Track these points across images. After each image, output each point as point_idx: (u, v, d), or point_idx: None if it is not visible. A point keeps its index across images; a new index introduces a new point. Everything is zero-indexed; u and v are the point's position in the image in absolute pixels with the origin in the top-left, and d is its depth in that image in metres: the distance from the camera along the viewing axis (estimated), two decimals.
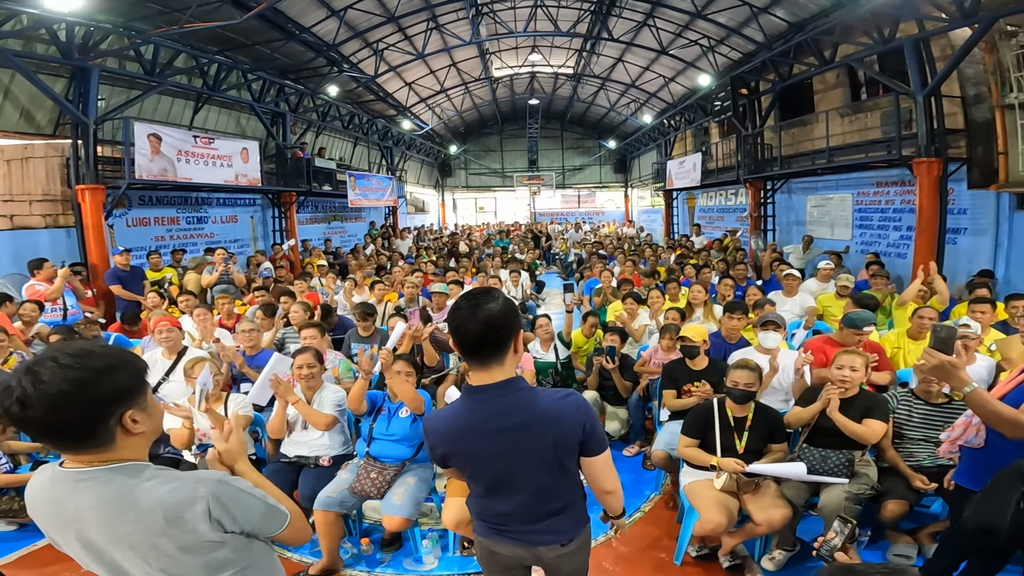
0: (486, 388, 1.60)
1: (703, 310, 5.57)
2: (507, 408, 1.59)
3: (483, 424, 1.62)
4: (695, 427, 3.15)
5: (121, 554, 1.18)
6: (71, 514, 1.17)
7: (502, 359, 1.59)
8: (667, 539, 3.40)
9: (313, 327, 4.37)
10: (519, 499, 1.69)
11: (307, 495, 3.26)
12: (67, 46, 6.94)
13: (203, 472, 1.26)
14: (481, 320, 1.53)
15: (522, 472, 1.64)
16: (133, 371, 1.20)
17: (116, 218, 8.35)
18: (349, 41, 12.46)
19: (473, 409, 1.63)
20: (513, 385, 1.60)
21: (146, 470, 1.20)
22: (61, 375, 1.08)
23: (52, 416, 1.09)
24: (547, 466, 1.64)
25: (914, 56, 7.26)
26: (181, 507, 1.15)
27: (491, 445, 1.62)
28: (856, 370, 3.04)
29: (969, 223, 7.58)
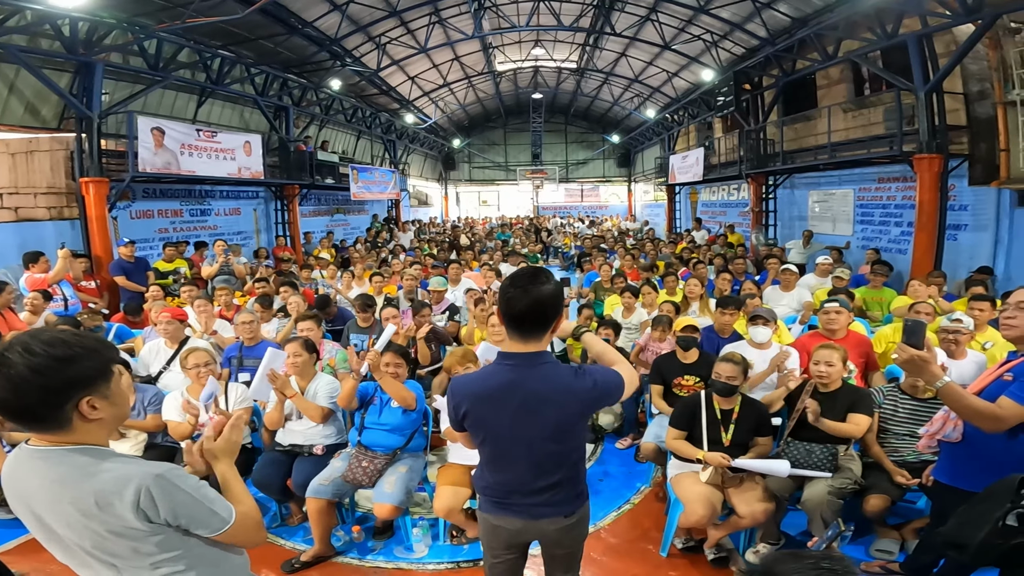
0: (517, 355, 1.73)
1: (699, 304, 5.59)
2: (532, 376, 1.71)
3: (507, 387, 1.73)
4: (683, 419, 3.18)
5: (61, 530, 1.25)
6: (23, 488, 1.26)
7: (541, 335, 1.72)
8: (655, 531, 3.44)
9: (310, 319, 4.42)
10: (523, 468, 1.78)
11: (300, 483, 3.31)
12: (71, 41, 7.00)
13: (151, 463, 1.29)
14: (533, 297, 1.66)
15: (531, 439, 1.74)
16: (98, 360, 1.24)
17: (120, 210, 8.43)
18: (352, 35, 12.47)
19: (501, 373, 1.75)
20: (542, 357, 1.73)
21: (98, 454, 1.25)
22: (23, 361, 1.15)
23: (11, 398, 1.16)
24: (555, 437, 1.74)
25: (917, 52, 7.23)
26: (111, 493, 1.20)
27: (509, 408, 1.73)
28: (832, 365, 3.07)
29: (970, 219, 7.55)
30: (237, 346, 4.48)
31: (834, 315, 3.89)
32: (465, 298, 6.21)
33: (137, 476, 1.22)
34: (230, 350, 4.52)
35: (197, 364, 3.51)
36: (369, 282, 6.92)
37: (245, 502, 1.45)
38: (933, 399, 3.10)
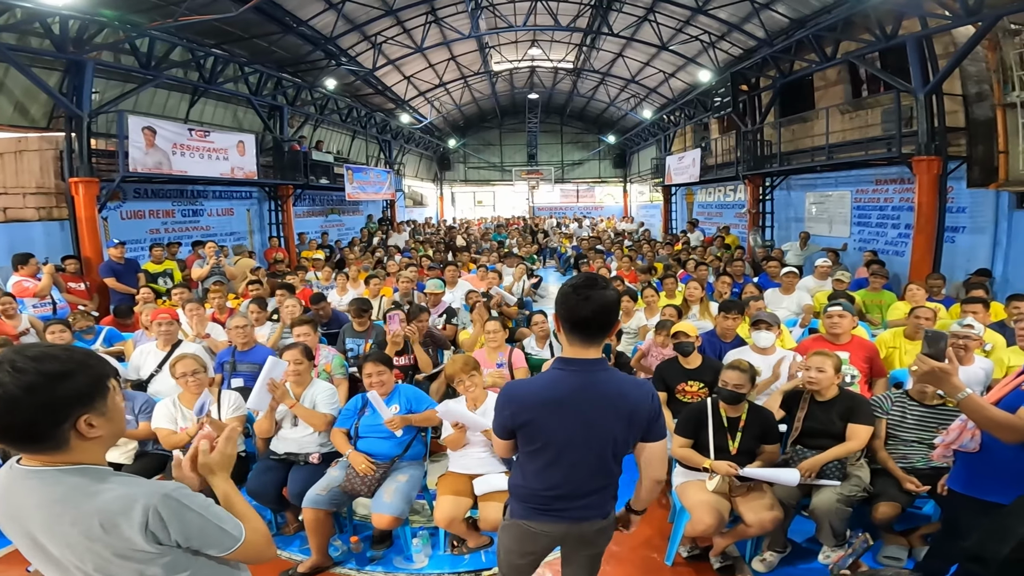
0: (584, 361, 1.76)
1: (699, 307, 5.53)
2: (596, 382, 1.74)
3: (573, 394, 1.75)
4: (688, 427, 3.12)
5: (59, 551, 1.20)
6: (18, 509, 1.20)
7: (601, 340, 1.76)
8: (659, 538, 3.38)
9: (306, 323, 4.33)
10: (580, 473, 1.80)
11: (296, 492, 3.24)
12: (61, 40, 6.88)
13: (155, 483, 1.25)
14: (598, 303, 1.69)
15: (589, 445, 1.76)
16: (93, 376, 1.19)
17: (111, 211, 8.31)
18: (347, 34, 12.35)
19: (568, 378, 1.76)
20: (603, 363, 1.77)
21: (96, 474, 1.21)
22: (13, 380, 1.09)
23: (4, 419, 1.11)
24: (612, 443, 1.77)
25: (916, 53, 7.22)
26: (117, 515, 1.16)
27: (577, 414, 1.74)
28: (823, 371, 3.02)
29: (968, 221, 7.55)
30: (230, 351, 4.38)
31: (837, 319, 3.84)
32: (466, 300, 6.14)
33: (143, 496, 1.19)
34: (223, 355, 4.42)
35: (185, 372, 3.42)
36: (365, 284, 6.84)
37: (251, 518, 1.42)
38: (941, 406, 3.07)
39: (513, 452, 1.91)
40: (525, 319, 6.97)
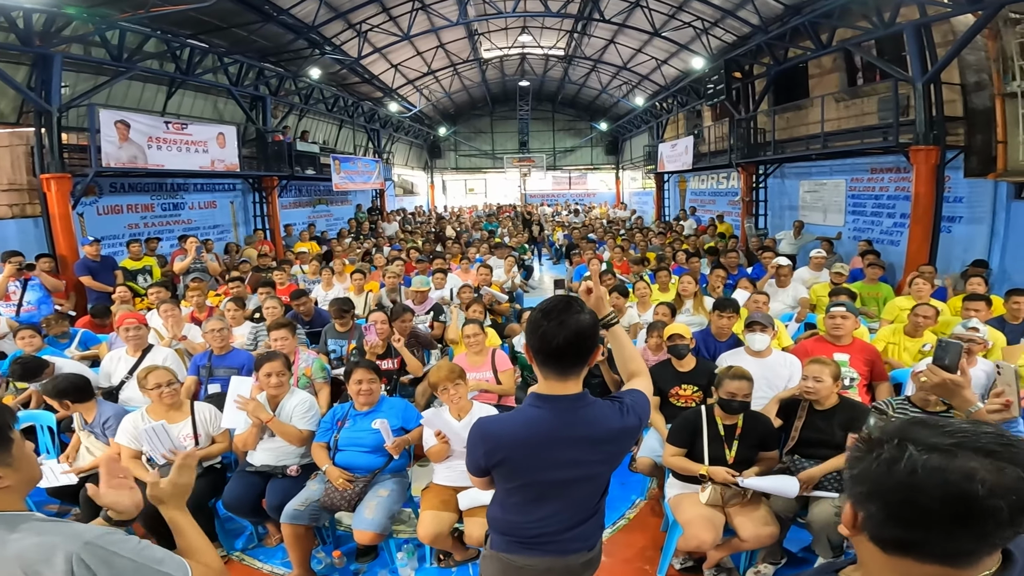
0: (562, 398, 1.60)
1: (693, 302, 5.39)
2: (577, 421, 1.60)
3: (556, 432, 1.60)
4: (682, 436, 2.99)
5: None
6: None
7: (580, 371, 1.60)
8: (652, 548, 3.28)
9: (283, 327, 4.15)
10: (562, 509, 1.68)
11: (275, 506, 3.12)
12: (26, 33, 6.61)
13: (76, 529, 1.20)
14: (572, 329, 1.53)
15: (574, 482, 1.65)
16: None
17: (86, 206, 8.05)
18: (331, 22, 12.00)
19: (549, 419, 1.61)
20: (586, 398, 1.62)
21: (10, 521, 1.17)
22: None
23: None
24: (597, 477, 1.68)
25: (915, 42, 7.06)
26: (38, 563, 1.13)
27: (557, 455, 1.61)
28: (821, 380, 2.89)
29: (965, 211, 7.44)
30: (207, 354, 4.21)
31: (840, 320, 3.72)
32: (458, 296, 5.97)
33: (64, 544, 1.14)
34: (199, 358, 4.25)
35: (159, 384, 3.24)
36: (350, 279, 6.66)
37: (203, 551, 1.34)
38: (943, 413, 2.95)
39: (491, 487, 1.77)
40: (515, 314, 6.84)
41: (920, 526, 0.75)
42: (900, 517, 0.76)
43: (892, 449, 0.78)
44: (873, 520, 0.79)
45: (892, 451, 0.78)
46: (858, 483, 0.81)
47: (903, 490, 0.75)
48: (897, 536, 0.78)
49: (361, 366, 3.28)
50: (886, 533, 0.79)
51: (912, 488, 0.74)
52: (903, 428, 0.81)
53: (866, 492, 0.79)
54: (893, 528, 0.78)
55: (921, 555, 0.77)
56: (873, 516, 0.79)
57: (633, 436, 1.69)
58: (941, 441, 0.76)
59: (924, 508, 0.73)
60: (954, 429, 0.78)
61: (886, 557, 0.80)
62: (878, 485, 0.78)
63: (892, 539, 0.79)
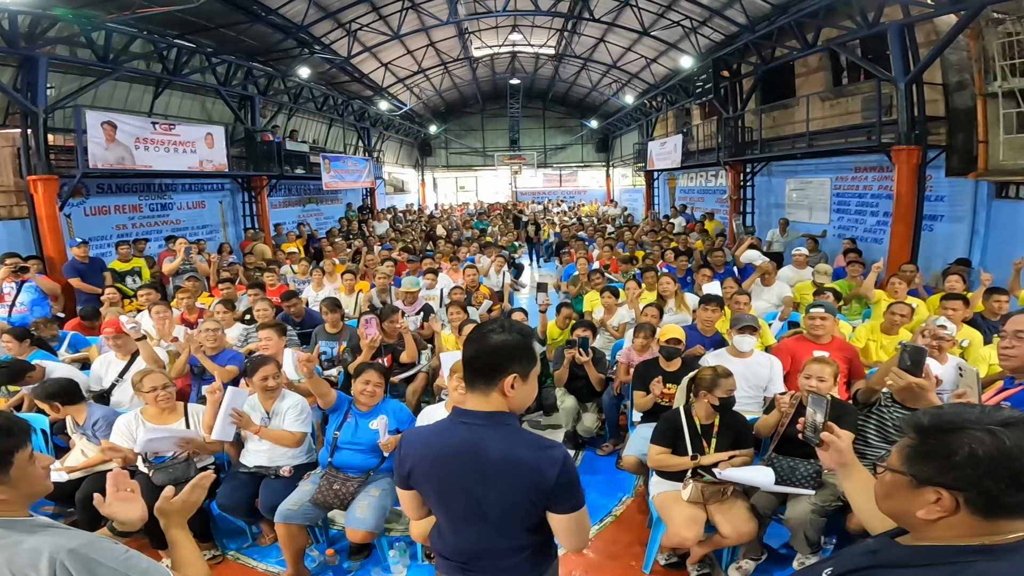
0: (472, 414, 1.56)
1: (674, 300, 5.47)
2: (485, 439, 1.53)
3: (459, 451, 1.56)
4: (666, 436, 3.07)
5: None
6: None
7: (488, 390, 1.54)
8: (637, 545, 3.35)
9: (271, 328, 4.19)
10: (482, 534, 1.60)
11: (268, 506, 3.16)
12: (11, 35, 6.57)
13: (64, 536, 1.24)
14: (483, 344, 1.54)
15: (488, 508, 1.56)
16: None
17: (73, 207, 8.00)
18: (320, 22, 11.97)
19: (457, 431, 1.58)
20: (498, 419, 1.54)
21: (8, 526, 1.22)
22: None
23: None
24: (514, 508, 1.55)
25: (898, 42, 7.16)
26: (25, 567, 1.17)
27: (460, 473, 1.56)
28: (824, 380, 2.97)
29: (946, 210, 7.58)
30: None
31: (819, 321, 3.81)
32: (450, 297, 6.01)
33: (48, 550, 1.18)
34: (192, 359, 4.27)
35: (155, 387, 3.28)
36: (341, 279, 6.68)
37: (194, 566, 1.38)
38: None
39: (416, 508, 1.71)
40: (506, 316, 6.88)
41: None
42: (1020, 484, 0.90)
43: (983, 433, 0.93)
44: (988, 495, 0.92)
45: (983, 435, 0.93)
46: (967, 468, 0.93)
47: (1020, 460, 0.90)
48: (1016, 503, 0.92)
49: (373, 368, 3.32)
50: (1006, 500, 0.92)
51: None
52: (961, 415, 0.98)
53: (985, 473, 0.91)
54: (1015, 495, 0.91)
55: (1019, 513, 0.94)
56: (989, 490, 0.92)
57: (540, 484, 1.47)
58: (1002, 420, 0.94)
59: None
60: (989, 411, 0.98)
61: (987, 523, 0.94)
62: (995, 463, 0.91)
63: (1009, 505, 0.93)
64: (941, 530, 0.98)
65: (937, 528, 0.98)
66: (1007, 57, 6.21)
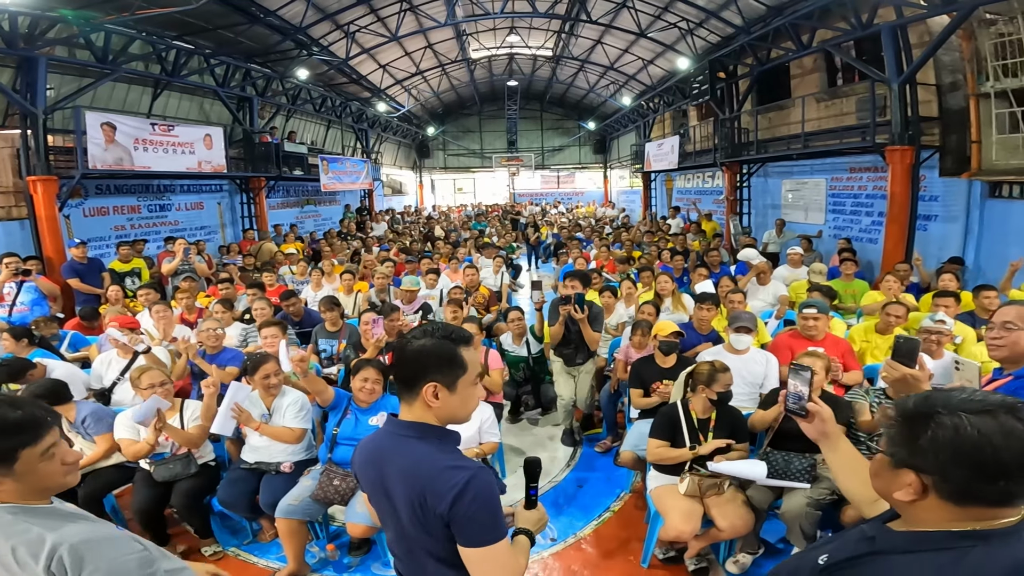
0: (394, 422, 1.49)
1: (672, 300, 5.51)
2: (398, 447, 1.45)
3: (375, 453, 1.50)
4: (664, 430, 3.11)
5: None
6: None
7: (411, 399, 1.44)
8: (635, 540, 3.39)
9: (273, 326, 4.22)
10: (412, 553, 1.47)
11: (269, 502, 3.20)
12: (11, 36, 6.61)
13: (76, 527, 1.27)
14: (403, 349, 1.45)
15: (405, 524, 1.43)
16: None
17: (72, 208, 8.02)
18: (318, 23, 12.00)
19: (379, 437, 1.53)
20: (416, 430, 1.43)
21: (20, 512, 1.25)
22: None
23: None
24: (422, 530, 1.40)
25: (891, 42, 7.22)
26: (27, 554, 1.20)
27: (373, 482, 1.50)
28: (816, 373, 3.01)
29: (940, 210, 7.64)
30: (199, 354, 4.26)
31: (812, 322, 3.86)
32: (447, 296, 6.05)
33: (51, 541, 1.21)
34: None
35: (152, 384, 3.30)
36: (339, 279, 6.70)
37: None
38: None
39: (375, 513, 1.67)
40: (502, 315, 6.92)
41: (1002, 477, 0.90)
42: (985, 473, 0.90)
43: (949, 418, 0.93)
44: (953, 482, 0.93)
45: (951, 420, 0.93)
46: (930, 453, 0.94)
47: (983, 450, 0.90)
48: (986, 492, 0.92)
49: (372, 365, 3.35)
50: (974, 489, 0.92)
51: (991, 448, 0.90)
52: (934, 400, 0.98)
53: (947, 459, 0.92)
54: (979, 483, 0.91)
55: (989, 501, 0.93)
56: (953, 477, 0.93)
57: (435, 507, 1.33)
58: (977, 406, 0.93)
59: (1005, 462, 0.89)
60: (973, 395, 0.97)
61: (959, 509, 0.95)
62: (957, 451, 0.92)
63: (978, 494, 0.93)
64: (923, 513, 0.99)
65: (918, 511, 1.00)
66: (999, 57, 6.27)
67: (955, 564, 0.92)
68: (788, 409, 1.58)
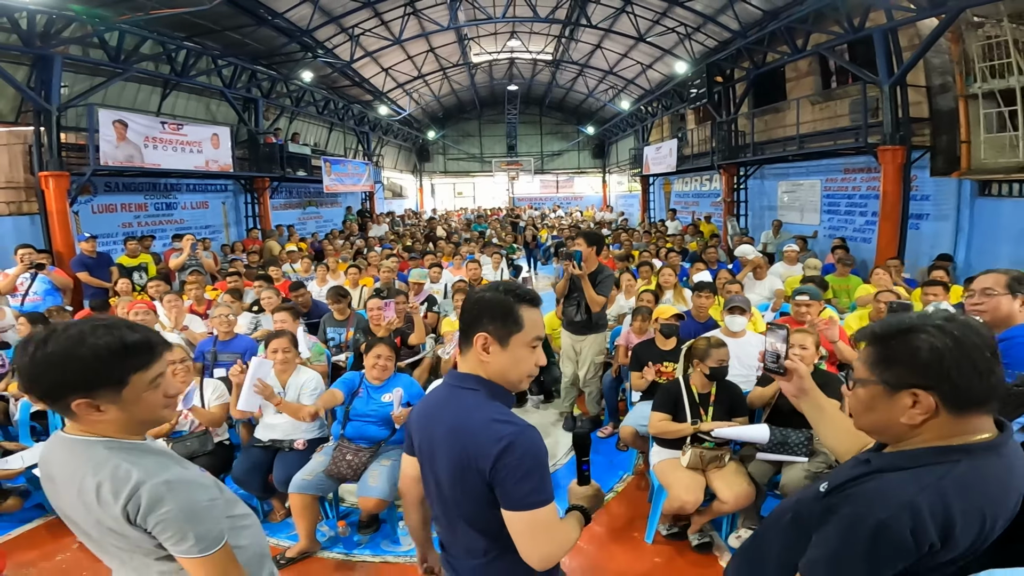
0: (451, 372, 1.47)
1: (673, 293, 5.67)
2: (449, 402, 1.42)
3: (432, 407, 1.47)
4: (667, 404, 3.24)
5: (76, 516, 1.24)
6: (48, 474, 1.28)
7: (467, 348, 1.41)
8: (639, 518, 3.48)
9: (285, 310, 4.34)
10: (448, 518, 1.44)
11: (282, 479, 3.28)
12: (28, 34, 6.77)
13: (162, 467, 1.22)
14: (469, 297, 1.45)
15: (442, 486, 1.39)
16: (92, 369, 1.17)
17: (81, 205, 8.15)
18: (324, 26, 12.20)
19: (438, 391, 1.50)
20: (467, 381, 1.40)
21: (113, 448, 1.21)
22: (41, 349, 1.16)
23: (27, 387, 1.19)
24: (461, 491, 1.34)
25: (882, 45, 7.40)
26: (108, 491, 1.16)
27: (424, 439, 1.46)
28: (806, 348, 3.15)
29: (931, 209, 7.82)
30: (211, 340, 4.38)
31: (804, 309, 3.98)
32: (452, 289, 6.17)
33: (137, 477, 1.17)
34: (204, 344, 4.41)
35: (173, 361, 3.41)
36: (344, 275, 6.82)
37: None
38: None
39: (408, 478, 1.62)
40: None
41: (988, 371, 1.00)
42: (979, 370, 0.99)
43: (936, 331, 1.01)
44: (957, 387, 0.99)
45: (937, 332, 1.01)
46: (934, 365, 1.00)
47: (975, 349, 0.99)
48: (981, 391, 1.00)
49: (383, 343, 3.46)
50: (974, 389, 1.00)
51: (975, 346, 0.99)
52: (907, 320, 1.07)
53: (952, 365, 0.99)
54: (977, 382, 0.99)
55: (987, 407, 1.02)
56: (957, 383, 0.99)
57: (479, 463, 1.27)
58: (943, 316, 1.04)
59: (987, 357, 1.00)
60: (932, 312, 1.10)
61: (956, 421, 1.02)
62: (956, 356, 0.99)
63: (977, 395, 1.01)
64: (925, 434, 1.04)
65: (922, 432, 1.04)
66: (987, 59, 6.45)
67: (944, 476, 0.98)
68: (767, 368, 1.56)
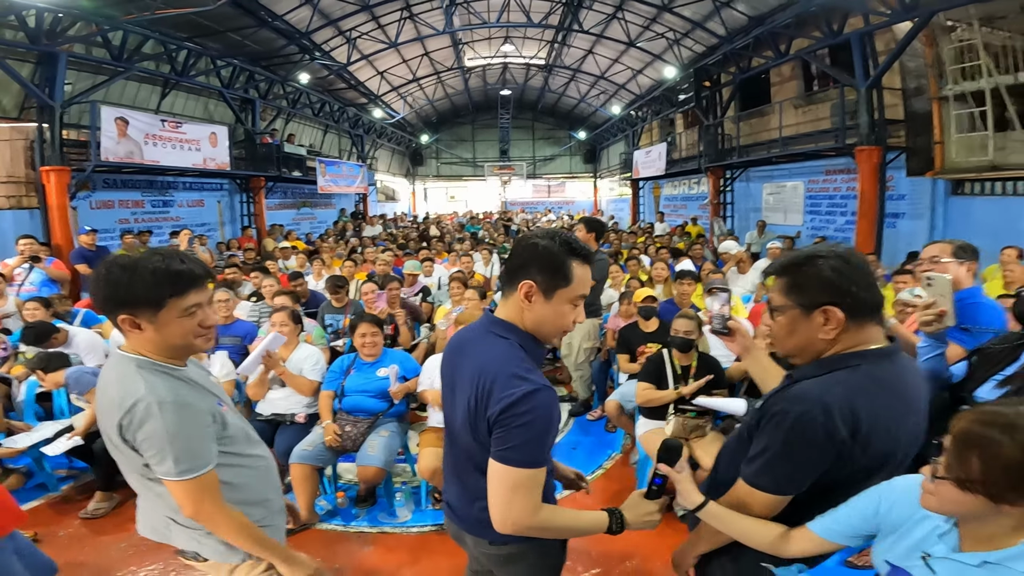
0: (487, 314, 1.45)
1: (663, 287, 5.89)
2: (478, 344, 1.39)
3: (460, 345, 1.47)
4: (651, 374, 3.44)
5: (104, 424, 1.35)
6: (102, 387, 1.38)
7: (509, 292, 1.37)
8: (626, 492, 3.52)
9: (284, 295, 4.51)
10: (453, 458, 1.48)
11: (283, 451, 3.39)
12: (35, 32, 6.93)
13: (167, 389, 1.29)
14: (519, 241, 1.41)
15: (458, 428, 1.38)
16: (142, 288, 1.28)
17: (80, 200, 8.26)
18: (322, 29, 12.43)
19: (470, 327, 1.50)
20: (502, 327, 1.37)
21: (142, 365, 1.31)
22: (106, 266, 1.32)
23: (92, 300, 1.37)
24: (475, 435, 1.32)
25: (859, 49, 7.68)
26: (116, 405, 1.26)
27: (449, 373, 1.47)
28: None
29: (907, 208, 8.11)
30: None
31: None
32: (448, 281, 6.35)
33: (142, 391, 1.24)
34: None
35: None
36: (339, 271, 6.98)
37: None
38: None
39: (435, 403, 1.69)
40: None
41: (873, 283, 1.22)
42: (867, 282, 1.21)
43: (831, 257, 1.22)
44: (857, 299, 1.19)
45: (832, 258, 1.22)
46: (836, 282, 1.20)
47: (861, 265, 1.22)
48: (873, 300, 1.22)
49: (364, 320, 3.61)
50: (868, 301, 1.21)
51: (865, 264, 1.23)
52: (800, 253, 1.29)
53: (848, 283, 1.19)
54: (867, 292, 1.20)
55: (877, 316, 1.24)
56: (857, 296, 1.19)
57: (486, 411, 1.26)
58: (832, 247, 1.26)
59: (873, 276, 1.23)
60: (824, 245, 1.32)
61: (861, 329, 1.22)
62: (852, 274, 1.20)
63: (870, 305, 1.22)
64: (836, 347, 1.23)
65: (834, 346, 1.23)
66: (959, 62, 6.75)
67: (847, 379, 1.18)
68: (714, 330, 1.63)
